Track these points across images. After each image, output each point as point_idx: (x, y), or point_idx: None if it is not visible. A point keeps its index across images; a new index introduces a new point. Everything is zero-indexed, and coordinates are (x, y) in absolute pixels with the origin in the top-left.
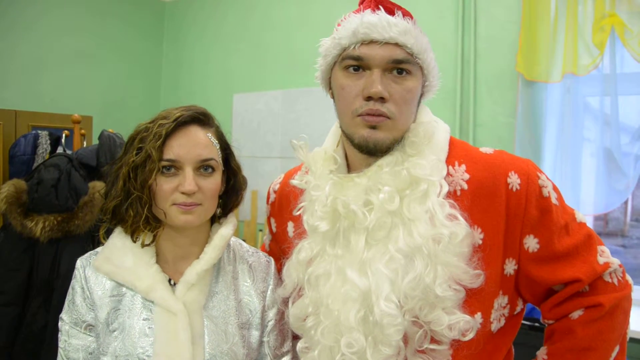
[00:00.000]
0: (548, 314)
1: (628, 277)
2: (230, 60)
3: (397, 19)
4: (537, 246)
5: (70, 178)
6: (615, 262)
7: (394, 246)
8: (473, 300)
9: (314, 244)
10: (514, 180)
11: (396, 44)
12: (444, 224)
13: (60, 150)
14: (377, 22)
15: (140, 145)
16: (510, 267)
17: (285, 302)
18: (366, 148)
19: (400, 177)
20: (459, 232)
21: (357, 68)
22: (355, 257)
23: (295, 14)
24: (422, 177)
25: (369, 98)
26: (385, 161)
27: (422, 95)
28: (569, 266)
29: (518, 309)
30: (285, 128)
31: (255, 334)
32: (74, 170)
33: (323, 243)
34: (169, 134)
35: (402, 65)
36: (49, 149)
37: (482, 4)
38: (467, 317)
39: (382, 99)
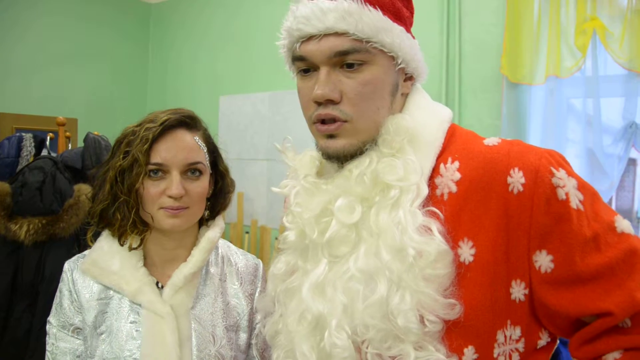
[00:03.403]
0: (577, 352)
1: None
2: (217, 62)
3: (333, 3)
4: (552, 265)
5: (55, 181)
6: None
7: (355, 265)
8: (459, 332)
9: (290, 256)
10: (516, 179)
11: (336, 34)
12: (413, 238)
13: (44, 152)
14: (310, 13)
15: (127, 149)
16: (518, 291)
17: (268, 315)
18: (329, 158)
19: (363, 183)
20: (431, 250)
21: (307, 69)
22: (314, 276)
23: (281, 16)
24: (390, 183)
25: (319, 102)
26: (355, 164)
27: (410, 78)
28: (599, 293)
29: (542, 342)
30: (272, 130)
31: (243, 336)
32: (58, 173)
33: (295, 256)
34: (155, 138)
35: (350, 57)
36: (33, 151)
37: (467, 7)
38: (440, 356)
39: (331, 101)
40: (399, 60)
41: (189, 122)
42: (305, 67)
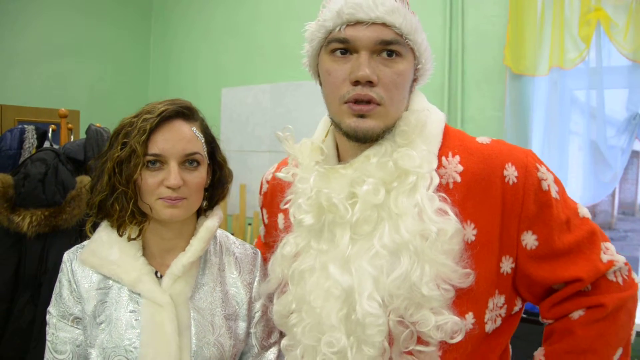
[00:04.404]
0: (547, 314)
1: (635, 276)
2: (219, 54)
3: None
4: (536, 243)
5: (58, 172)
6: (620, 259)
7: (379, 242)
8: (464, 299)
9: (299, 238)
10: (510, 172)
11: (383, 24)
12: (433, 219)
13: (47, 144)
14: (363, 1)
15: (124, 140)
16: (507, 265)
17: (270, 297)
18: (355, 137)
19: (386, 169)
20: (448, 228)
21: (343, 51)
22: (339, 253)
23: (283, 8)
24: (410, 169)
25: (356, 82)
26: (372, 151)
27: (415, 80)
28: (570, 264)
29: (516, 308)
30: (274, 122)
31: (242, 325)
32: (61, 165)
33: (308, 237)
34: (153, 129)
35: (391, 47)
36: (35, 143)
37: None
38: (456, 319)
39: (370, 83)
40: (422, 60)
41: (186, 112)
42: (343, 48)
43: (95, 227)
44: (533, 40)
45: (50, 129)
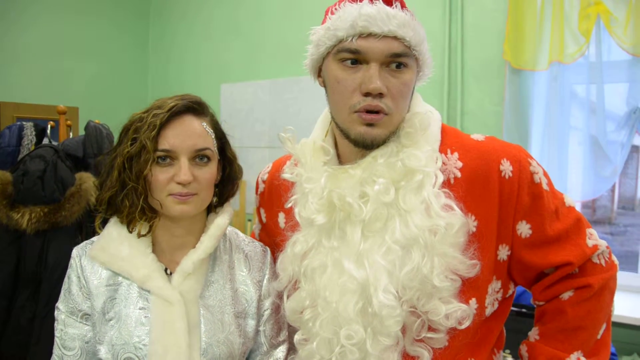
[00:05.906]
0: (539, 296)
1: (614, 258)
2: (218, 50)
3: (396, 11)
4: (530, 232)
5: (57, 169)
6: (602, 244)
7: (391, 237)
8: (468, 287)
9: (309, 236)
10: (506, 167)
11: (394, 37)
12: (440, 214)
13: (45, 141)
14: (376, 14)
15: (134, 135)
16: (503, 252)
17: (280, 295)
18: (363, 144)
19: (395, 169)
20: (455, 222)
21: (354, 61)
22: (352, 249)
23: (283, 4)
24: (416, 168)
25: (367, 94)
26: (379, 152)
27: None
28: (560, 250)
29: (510, 292)
30: (274, 118)
31: (251, 323)
32: (60, 161)
33: (318, 235)
34: (163, 124)
35: (400, 59)
36: (34, 140)
37: None
38: (464, 306)
39: (380, 94)
40: (424, 68)
41: (196, 107)
42: (354, 58)
43: (104, 223)
44: (532, 34)
45: (49, 126)
